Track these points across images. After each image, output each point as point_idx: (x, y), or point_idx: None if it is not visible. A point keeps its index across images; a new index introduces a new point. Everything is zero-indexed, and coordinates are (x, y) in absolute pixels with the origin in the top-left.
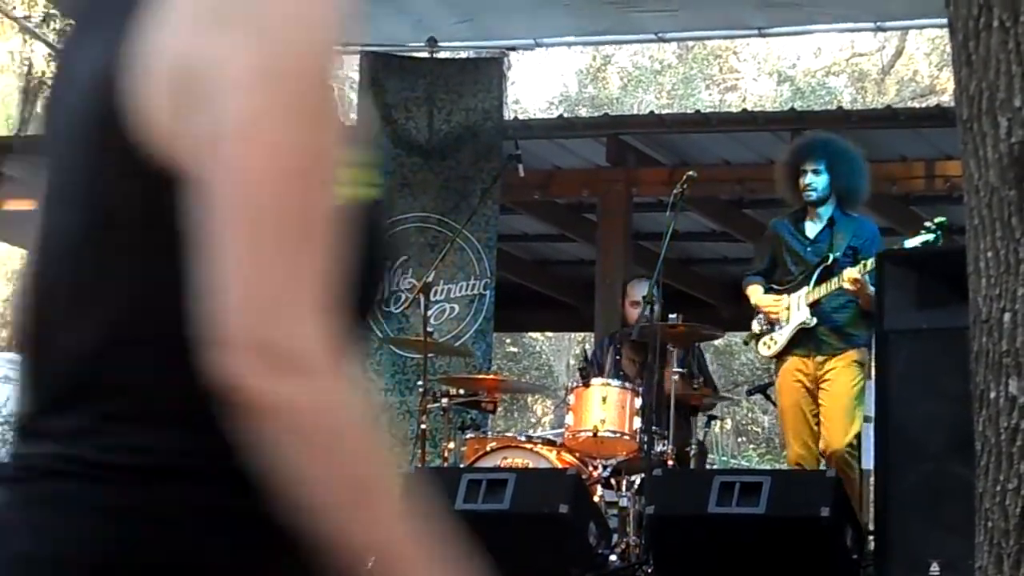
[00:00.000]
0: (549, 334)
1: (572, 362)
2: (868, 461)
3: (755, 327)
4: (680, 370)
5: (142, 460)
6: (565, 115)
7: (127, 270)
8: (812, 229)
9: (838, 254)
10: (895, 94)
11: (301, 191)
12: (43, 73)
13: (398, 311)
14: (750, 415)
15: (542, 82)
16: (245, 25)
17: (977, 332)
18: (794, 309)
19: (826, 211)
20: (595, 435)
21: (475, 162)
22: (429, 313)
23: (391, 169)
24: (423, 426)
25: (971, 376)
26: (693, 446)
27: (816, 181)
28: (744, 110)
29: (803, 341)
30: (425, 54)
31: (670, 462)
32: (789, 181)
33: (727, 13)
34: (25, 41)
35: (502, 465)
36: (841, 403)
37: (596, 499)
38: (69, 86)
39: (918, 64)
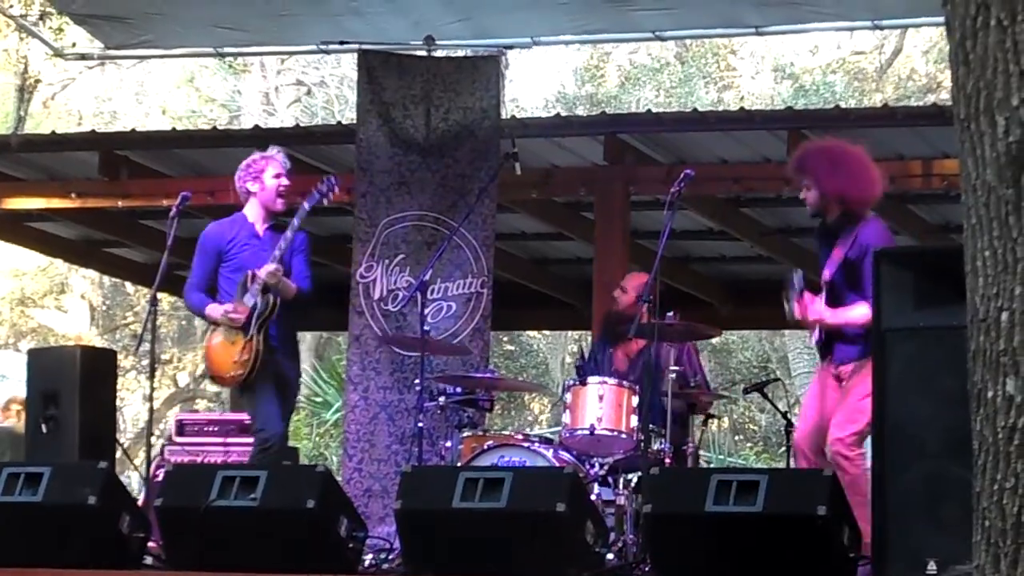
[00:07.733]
0: (546, 332)
1: (569, 360)
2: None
3: None
4: (676, 368)
5: None
6: (563, 113)
7: None
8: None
9: (826, 273)
10: (893, 92)
11: None
12: (39, 72)
13: (395, 309)
14: (747, 414)
15: (539, 80)
16: None
17: (974, 331)
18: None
19: (836, 224)
20: (592, 433)
21: (473, 160)
22: (426, 311)
23: (388, 168)
24: (420, 424)
25: (968, 375)
26: (690, 445)
27: (808, 196)
28: (742, 108)
29: (826, 351)
30: (423, 52)
31: (667, 460)
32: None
33: (724, 11)
34: (21, 39)
35: (499, 463)
36: (846, 401)
37: (593, 498)
38: None
39: (916, 62)
